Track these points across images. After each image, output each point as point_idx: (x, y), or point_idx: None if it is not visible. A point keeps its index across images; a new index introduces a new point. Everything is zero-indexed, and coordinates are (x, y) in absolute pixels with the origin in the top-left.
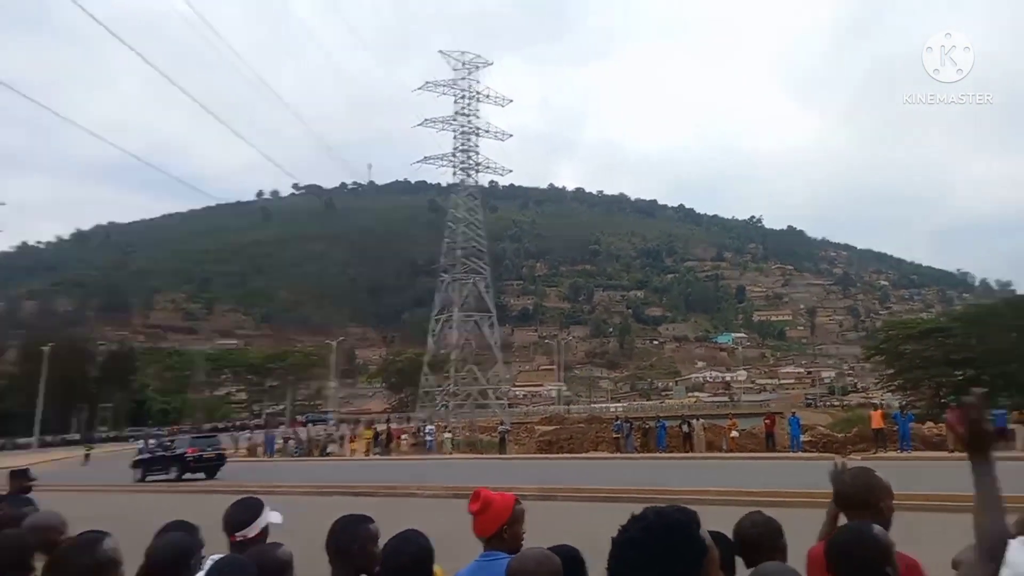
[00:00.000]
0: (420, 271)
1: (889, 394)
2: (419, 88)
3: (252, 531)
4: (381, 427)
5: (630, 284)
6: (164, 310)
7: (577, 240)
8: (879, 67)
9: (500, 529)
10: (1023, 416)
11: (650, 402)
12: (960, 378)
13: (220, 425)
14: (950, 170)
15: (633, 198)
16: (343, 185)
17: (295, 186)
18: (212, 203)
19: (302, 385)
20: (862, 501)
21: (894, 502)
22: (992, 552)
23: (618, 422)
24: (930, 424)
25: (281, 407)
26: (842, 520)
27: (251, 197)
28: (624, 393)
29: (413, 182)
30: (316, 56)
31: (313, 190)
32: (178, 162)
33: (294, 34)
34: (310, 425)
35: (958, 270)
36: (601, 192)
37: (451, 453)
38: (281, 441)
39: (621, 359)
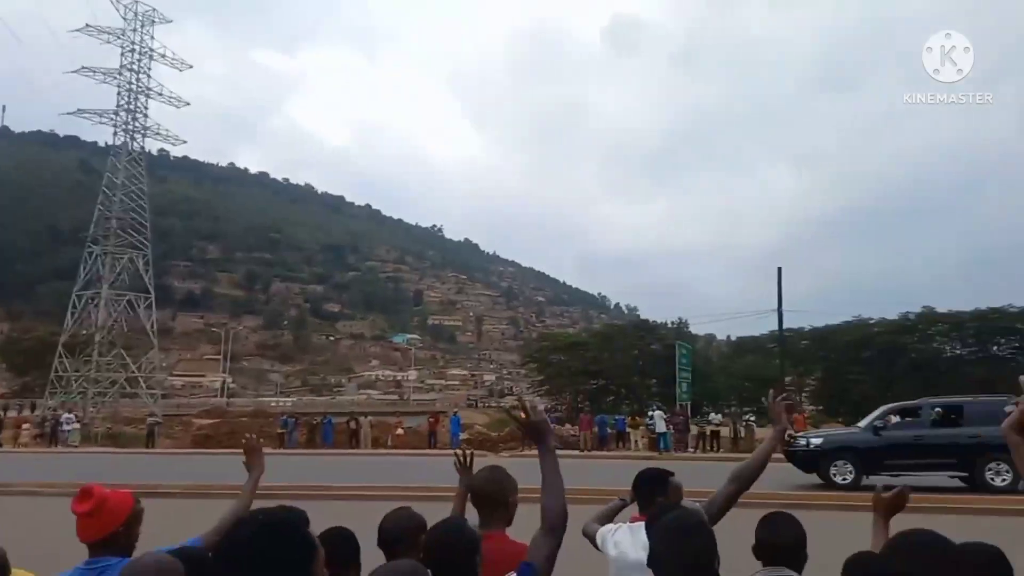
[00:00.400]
0: (63, 239)
1: (539, 398)
2: (77, 30)
3: None
4: None
5: (310, 278)
6: None
7: (257, 226)
8: (545, 110)
9: (115, 531)
10: (635, 421)
11: (321, 398)
12: (594, 386)
13: None
14: (595, 207)
15: (320, 191)
16: None
17: None
18: None
19: None
20: (491, 497)
21: (519, 497)
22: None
23: (284, 417)
24: (568, 426)
25: None
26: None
27: None
28: (295, 388)
29: (61, 136)
30: None
31: None
32: None
33: None
34: None
35: (599, 293)
36: (287, 180)
37: (77, 445)
38: None
39: (295, 353)
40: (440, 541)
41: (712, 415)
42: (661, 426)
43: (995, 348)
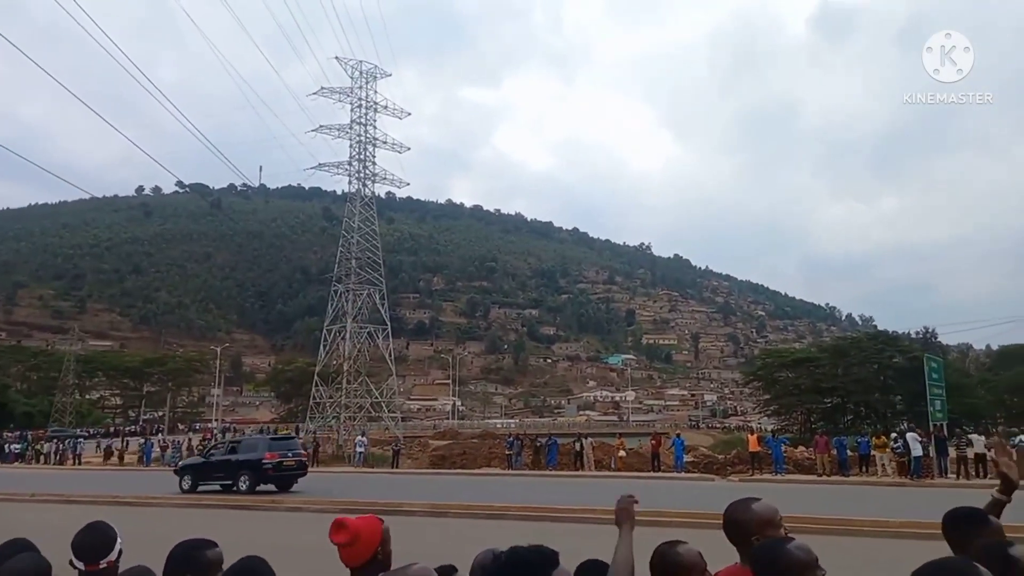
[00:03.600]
0: (312, 279)
1: (766, 418)
2: (314, 93)
3: (113, 555)
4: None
5: (525, 302)
6: (30, 307)
7: (474, 257)
8: (753, 111)
9: (374, 554)
10: (882, 442)
11: (543, 419)
12: (828, 405)
13: (91, 431)
14: (816, 210)
15: (529, 218)
16: (231, 186)
17: (179, 184)
18: (85, 196)
19: (182, 392)
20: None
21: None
22: None
23: (510, 438)
24: (802, 448)
25: (160, 414)
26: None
27: (130, 192)
28: (518, 410)
29: (307, 188)
30: (198, 46)
31: (198, 188)
32: (44, 150)
33: (173, 18)
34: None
35: (827, 304)
36: (498, 211)
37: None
38: (159, 449)
39: (515, 375)
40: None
41: (974, 436)
42: (916, 449)
43: None
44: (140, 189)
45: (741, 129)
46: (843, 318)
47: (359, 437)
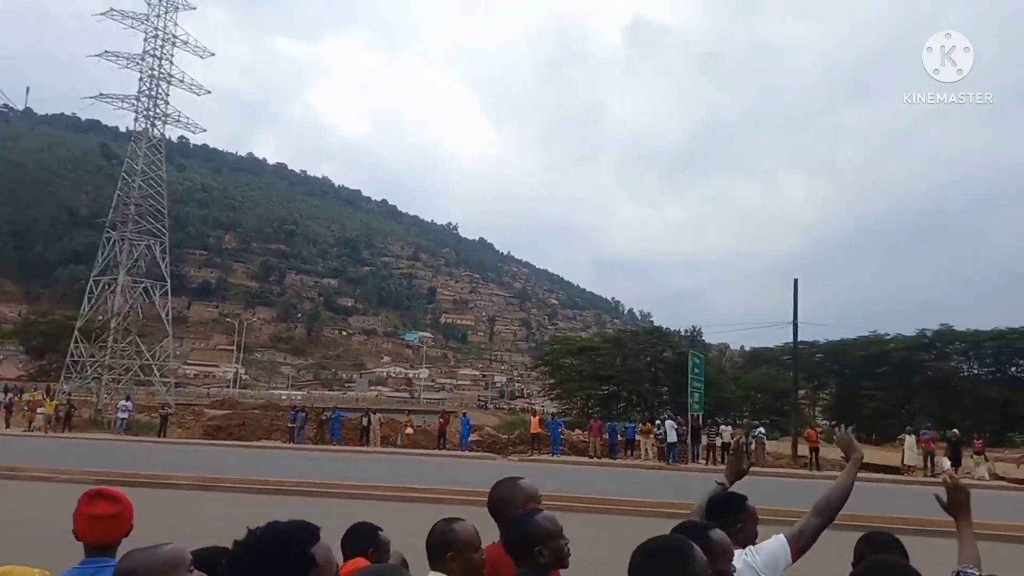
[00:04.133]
0: (81, 223)
1: (549, 401)
2: (101, 14)
3: None
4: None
5: (325, 271)
6: None
7: (273, 217)
8: (566, 111)
9: (126, 534)
10: (646, 428)
11: (332, 393)
12: (605, 392)
13: None
14: (611, 210)
15: (337, 184)
16: None
17: None
18: None
19: None
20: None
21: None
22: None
23: (294, 411)
24: (578, 431)
25: None
26: None
27: None
28: (307, 382)
29: (83, 119)
30: None
31: None
32: None
33: None
34: None
35: (612, 298)
36: (304, 172)
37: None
38: None
39: (307, 346)
40: None
41: (723, 427)
42: (672, 436)
43: (1014, 369)
44: None
45: (553, 126)
46: (625, 312)
47: (123, 402)
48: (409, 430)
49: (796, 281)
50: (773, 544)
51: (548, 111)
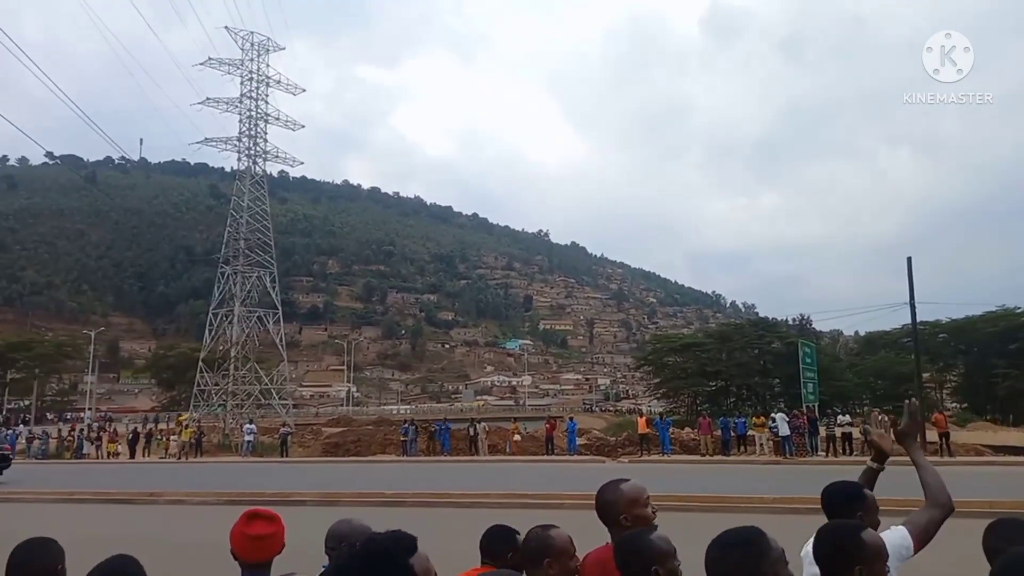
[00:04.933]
0: (198, 260)
1: (655, 401)
2: (201, 64)
3: None
4: (191, 427)
5: (423, 288)
6: None
7: (371, 240)
8: (646, 108)
9: (279, 552)
10: (759, 422)
11: (440, 405)
12: (712, 388)
13: None
14: (701, 204)
15: (428, 202)
16: (108, 159)
17: (48, 155)
18: None
19: (51, 379)
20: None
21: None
22: None
23: (405, 424)
24: (688, 430)
25: (26, 403)
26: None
27: None
28: (414, 396)
29: (192, 163)
30: (68, 3)
31: (70, 161)
32: None
33: None
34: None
35: (713, 292)
36: (397, 194)
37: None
38: (24, 441)
39: (412, 361)
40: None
41: (840, 416)
42: (784, 429)
43: None
44: (4, 159)
45: (635, 125)
46: (727, 305)
47: (247, 425)
48: (517, 437)
49: (909, 260)
50: (895, 535)
51: (628, 110)
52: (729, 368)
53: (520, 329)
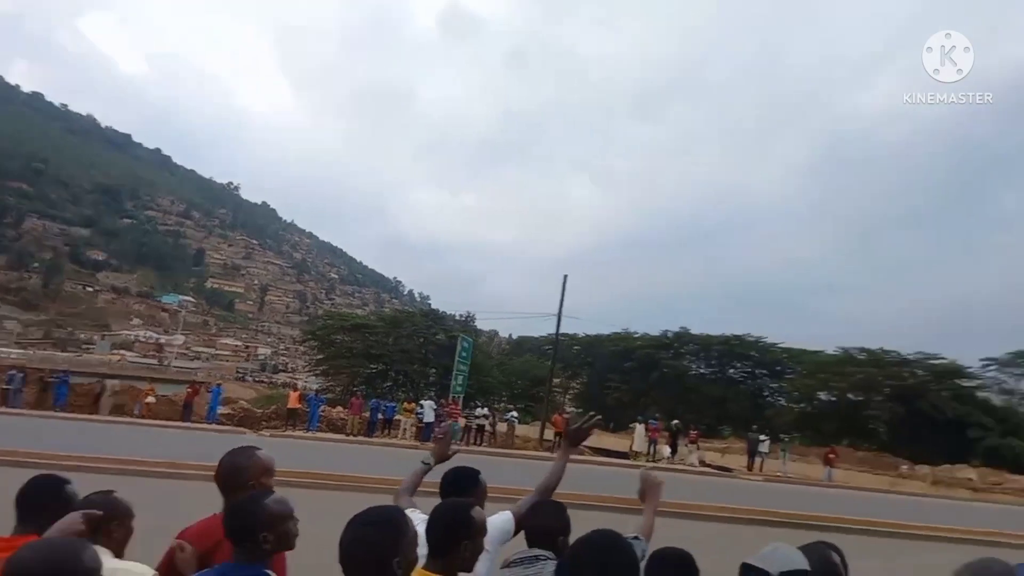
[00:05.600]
0: None
1: (315, 377)
2: None
3: None
4: None
5: (77, 220)
6: None
7: (19, 152)
8: (373, 85)
9: None
10: (409, 407)
11: (64, 354)
12: (373, 370)
13: None
14: (406, 191)
15: (104, 125)
16: None
17: None
18: None
19: None
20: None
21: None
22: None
23: (11, 372)
24: (339, 408)
25: None
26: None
27: None
28: (35, 340)
29: None
30: None
31: None
32: None
33: None
34: None
35: (395, 278)
36: (66, 106)
37: None
38: None
39: (42, 300)
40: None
41: (479, 409)
42: (429, 416)
43: (732, 371)
44: None
45: (357, 99)
46: (405, 293)
47: None
48: (150, 399)
49: (565, 277)
50: (500, 519)
51: (353, 82)
52: (393, 353)
53: (184, 284)
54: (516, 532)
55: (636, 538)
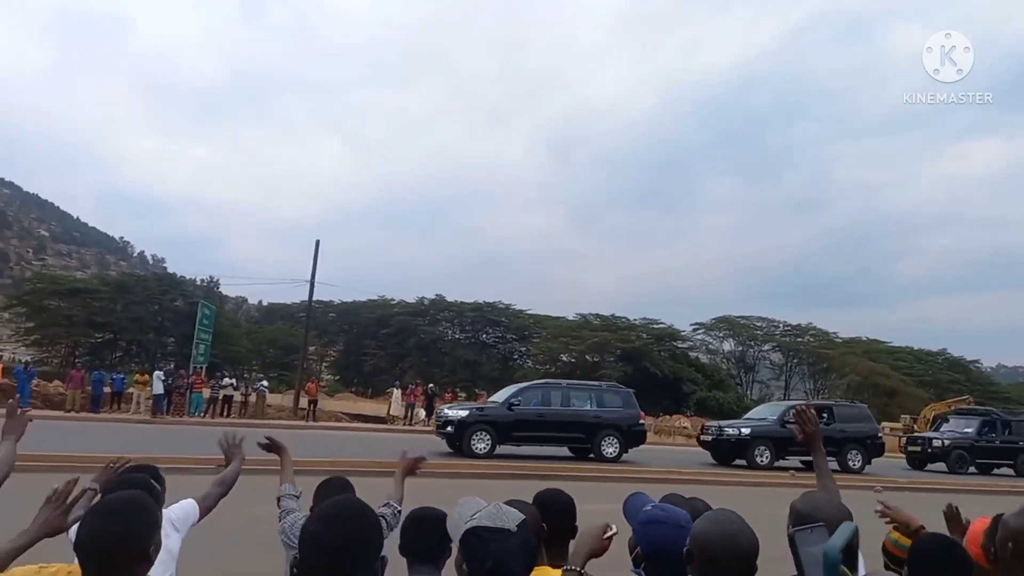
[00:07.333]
0: None
1: (24, 348)
2: None
3: None
4: None
5: None
6: None
7: None
8: (81, 6)
9: None
10: (143, 379)
11: None
12: (99, 340)
13: None
14: (126, 139)
15: None
16: None
17: None
18: None
19: None
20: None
21: None
22: None
23: None
24: (57, 382)
25: None
26: None
27: None
28: None
29: None
30: None
31: None
32: None
33: None
34: None
35: (120, 238)
36: None
37: None
38: None
39: None
40: None
41: (226, 379)
42: (159, 387)
43: (484, 336)
44: None
45: (59, 24)
46: (135, 255)
47: None
48: None
49: (318, 242)
50: (186, 504)
51: (52, 2)
52: (122, 321)
53: None
54: (203, 516)
55: (387, 504)
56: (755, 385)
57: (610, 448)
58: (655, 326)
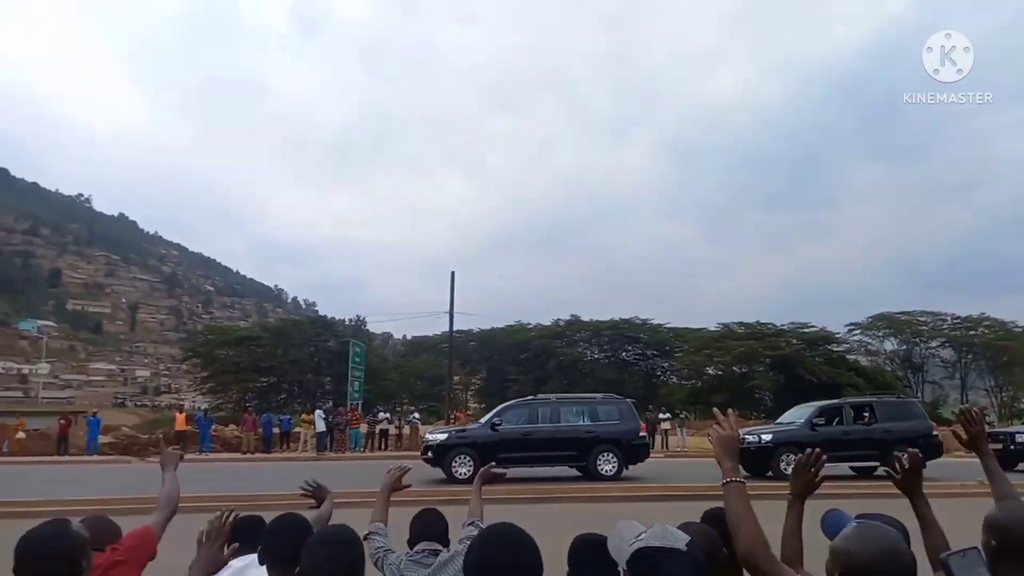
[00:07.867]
0: None
1: (201, 396)
2: None
3: None
4: None
5: None
6: None
7: None
8: (219, 82)
9: None
10: (308, 418)
11: None
12: (264, 384)
13: None
14: (271, 194)
15: None
16: None
17: None
18: None
19: None
20: None
21: None
22: None
23: None
24: (232, 426)
25: None
26: None
27: None
28: None
29: None
30: None
31: None
32: None
33: None
34: None
35: (275, 286)
36: None
37: None
38: None
39: None
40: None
41: (380, 414)
42: (321, 425)
43: (624, 354)
44: None
45: (204, 96)
46: (289, 301)
47: None
48: (20, 434)
49: (453, 274)
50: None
51: (198, 77)
52: (284, 364)
53: (41, 308)
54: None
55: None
56: (926, 386)
57: (607, 465)
58: (805, 330)
